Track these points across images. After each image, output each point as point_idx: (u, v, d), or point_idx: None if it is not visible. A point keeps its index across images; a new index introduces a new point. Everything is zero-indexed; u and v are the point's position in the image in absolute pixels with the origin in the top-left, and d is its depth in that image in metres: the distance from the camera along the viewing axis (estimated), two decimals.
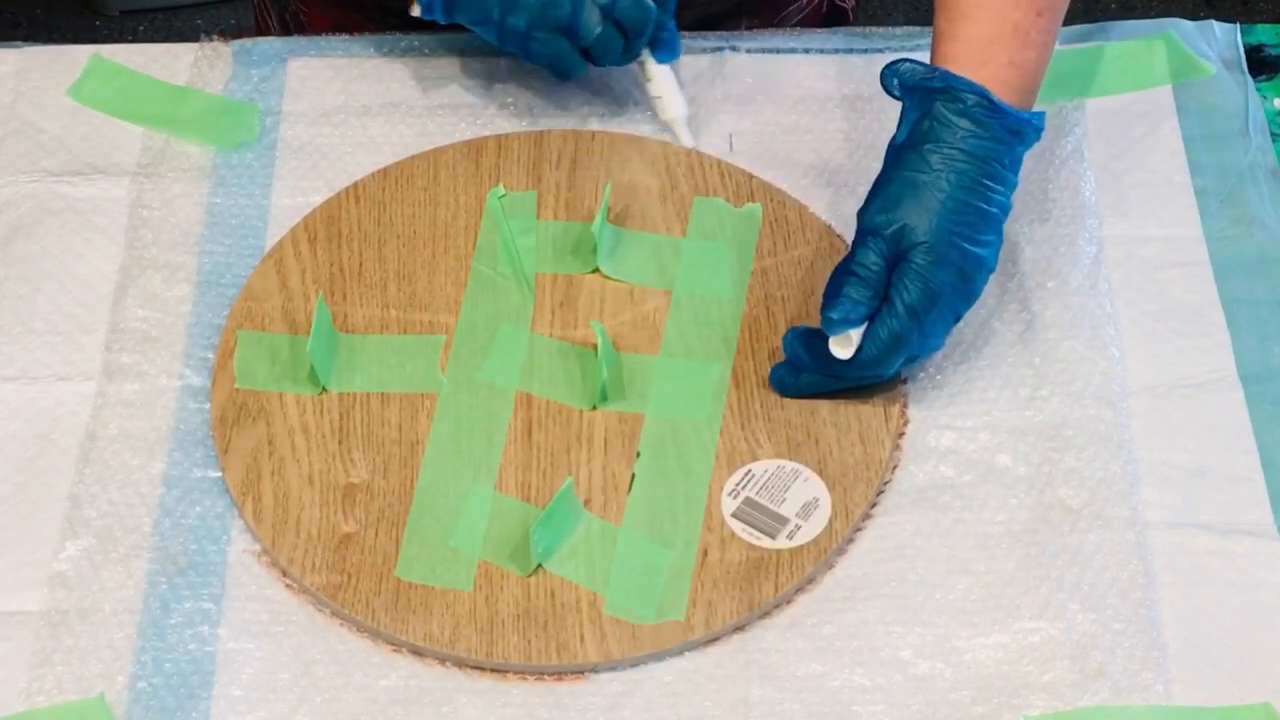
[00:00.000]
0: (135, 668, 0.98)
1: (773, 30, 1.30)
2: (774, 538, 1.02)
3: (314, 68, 1.26)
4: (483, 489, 1.04)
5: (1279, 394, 1.09)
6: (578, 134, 1.21)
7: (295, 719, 0.96)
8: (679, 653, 0.99)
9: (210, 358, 1.10)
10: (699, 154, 1.20)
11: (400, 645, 0.99)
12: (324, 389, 1.08)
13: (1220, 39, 1.28)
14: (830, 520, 1.03)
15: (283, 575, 1.02)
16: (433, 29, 1.24)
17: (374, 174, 1.19)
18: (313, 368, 1.07)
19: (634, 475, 1.05)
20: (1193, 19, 1.28)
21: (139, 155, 1.20)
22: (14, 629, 0.99)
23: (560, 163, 1.19)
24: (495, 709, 0.97)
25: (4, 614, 1.00)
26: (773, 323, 1.11)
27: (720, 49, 1.27)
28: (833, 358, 1.04)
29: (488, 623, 0.99)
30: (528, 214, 1.17)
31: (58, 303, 1.13)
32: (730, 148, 1.21)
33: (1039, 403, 1.08)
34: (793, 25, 1.35)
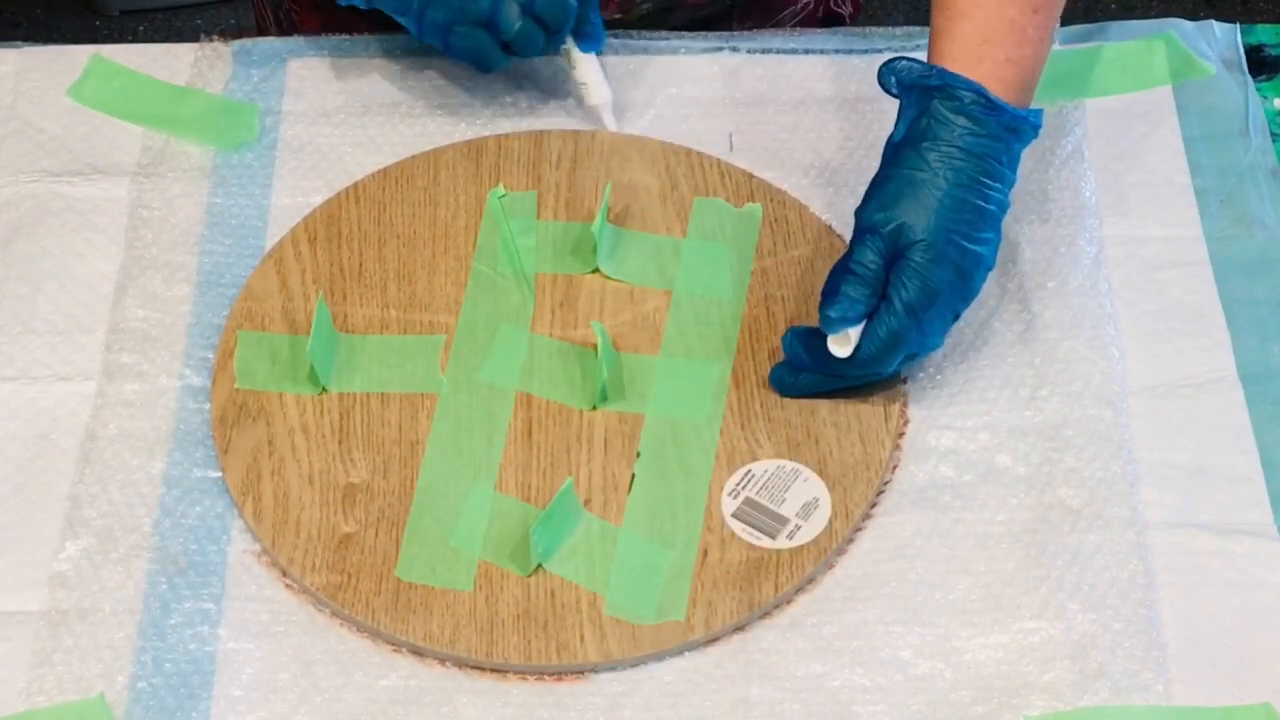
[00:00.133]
0: (135, 668, 0.98)
1: (773, 30, 1.30)
2: (774, 538, 1.02)
3: (314, 68, 1.26)
4: (483, 489, 1.04)
5: (1279, 394, 1.09)
6: (578, 134, 1.21)
7: (295, 719, 0.96)
8: (679, 653, 0.99)
9: (210, 358, 1.10)
10: (699, 154, 1.20)
11: (400, 645, 0.99)
12: (324, 389, 1.08)
13: (1220, 39, 1.28)
14: (830, 520, 1.03)
15: (283, 575, 1.02)
16: None
17: (374, 174, 1.19)
18: (313, 368, 1.07)
19: (634, 475, 1.05)
20: (1193, 19, 1.28)
21: (139, 155, 1.20)
22: (14, 629, 0.99)
23: (560, 163, 1.19)
24: (495, 709, 0.97)
25: (4, 614, 1.00)
26: (773, 323, 1.11)
27: (720, 49, 1.27)
28: (832, 357, 1.04)
29: (488, 623, 0.99)
30: (528, 214, 1.17)
31: (58, 303, 1.13)
32: (730, 148, 1.21)
33: (1039, 403, 1.08)
34: (788, 29, 1.35)
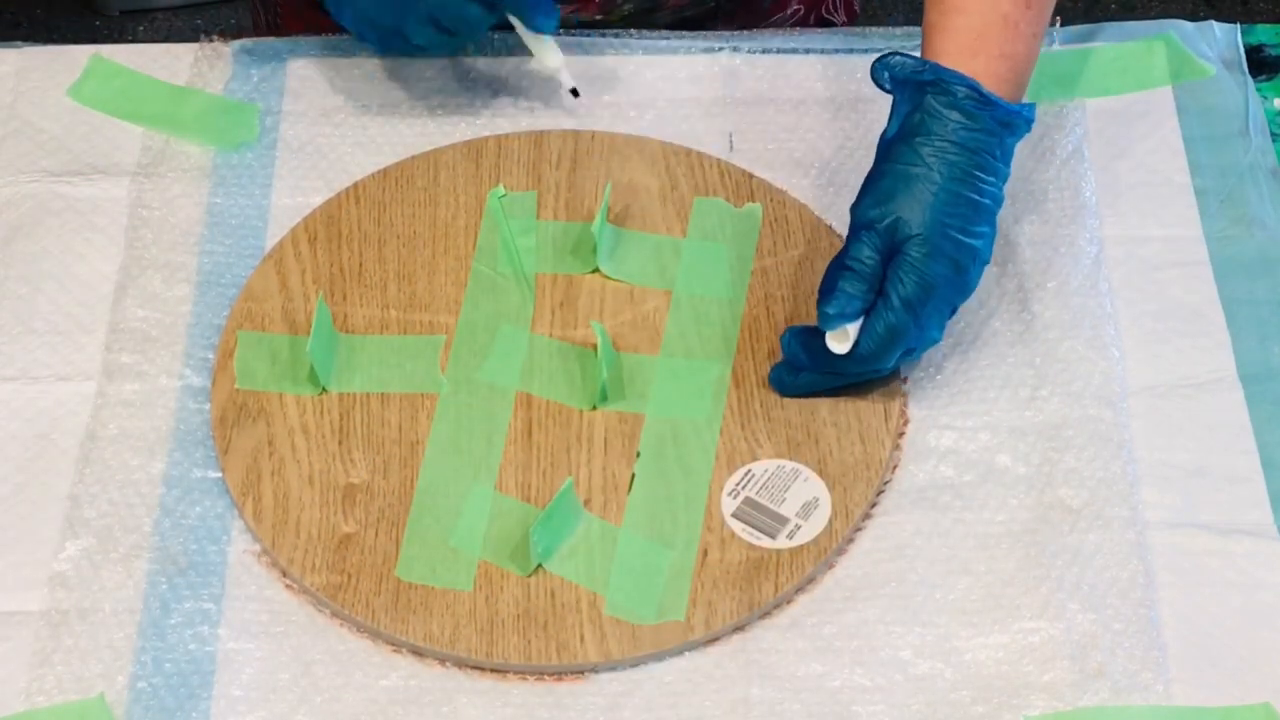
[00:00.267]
0: (135, 668, 0.98)
1: (773, 30, 1.30)
2: (774, 538, 1.02)
3: (314, 68, 1.26)
4: (483, 489, 1.04)
5: (1279, 394, 1.09)
6: (578, 134, 1.21)
7: (295, 719, 0.96)
8: (679, 653, 0.99)
9: (210, 358, 1.10)
10: (699, 154, 1.20)
11: (400, 645, 0.99)
12: (324, 389, 1.08)
13: (1220, 39, 1.28)
14: (830, 520, 1.03)
15: (283, 575, 1.02)
16: None
17: (374, 174, 1.19)
18: (313, 368, 1.07)
19: (634, 475, 1.05)
20: (1193, 19, 1.28)
21: (139, 155, 1.20)
22: (14, 629, 0.99)
23: (560, 163, 1.19)
24: (495, 709, 0.97)
25: (4, 614, 1.00)
26: (773, 322, 1.11)
27: (720, 49, 1.27)
28: (830, 354, 1.04)
29: (488, 623, 0.99)
30: (528, 214, 1.17)
31: (58, 303, 1.13)
32: (730, 148, 1.21)
33: (1039, 403, 1.08)
34: (787, 30, 1.35)
